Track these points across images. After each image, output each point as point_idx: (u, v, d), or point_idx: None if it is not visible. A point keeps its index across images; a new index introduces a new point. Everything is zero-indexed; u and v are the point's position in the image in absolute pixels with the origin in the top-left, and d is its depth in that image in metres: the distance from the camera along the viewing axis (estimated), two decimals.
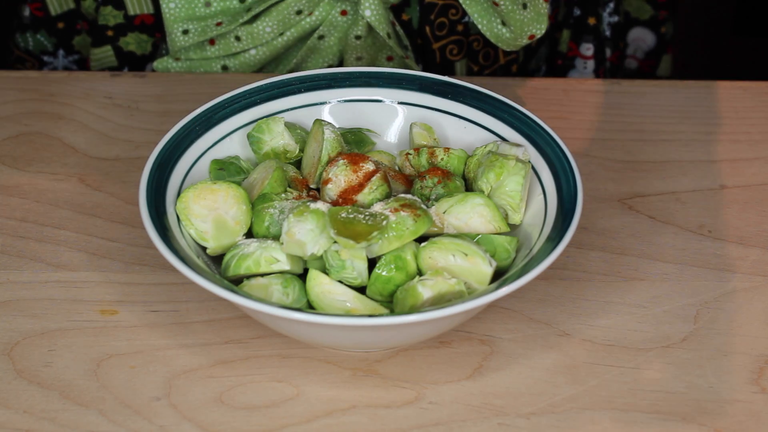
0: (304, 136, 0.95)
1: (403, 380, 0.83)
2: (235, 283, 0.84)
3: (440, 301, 0.80)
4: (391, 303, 0.83)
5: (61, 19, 1.25)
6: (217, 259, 0.86)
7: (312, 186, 0.91)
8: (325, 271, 0.83)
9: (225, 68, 1.16)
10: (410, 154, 0.93)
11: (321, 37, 1.13)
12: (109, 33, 1.21)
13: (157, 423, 0.80)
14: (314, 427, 0.80)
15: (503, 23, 1.06)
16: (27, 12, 1.26)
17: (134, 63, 1.23)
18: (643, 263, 0.94)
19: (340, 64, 1.17)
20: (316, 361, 0.85)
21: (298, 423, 0.80)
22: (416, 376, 0.84)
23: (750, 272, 0.93)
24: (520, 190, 0.87)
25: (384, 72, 0.98)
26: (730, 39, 2.16)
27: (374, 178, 0.87)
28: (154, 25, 1.21)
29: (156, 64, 1.16)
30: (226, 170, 0.92)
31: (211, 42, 1.14)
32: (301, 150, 0.94)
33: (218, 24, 1.12)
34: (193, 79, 1.14)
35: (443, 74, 1.19)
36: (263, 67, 1.18)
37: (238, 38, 1.13)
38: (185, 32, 1.12)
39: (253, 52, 1.14)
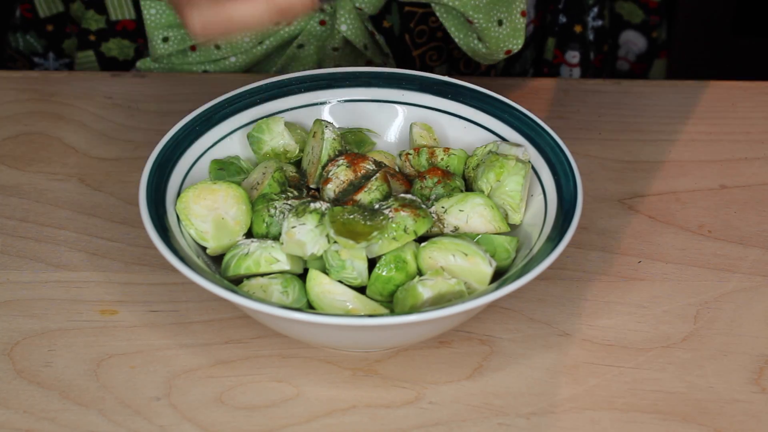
0: (304, 136, 0.95)
1: (403, 380, 0.83)
2: (235, 283, 0.84)
3: (440, 301, 0.80)
4: (391, 303, 0.83)
5: (50, 22, 1.25)
6: (217, 259, 0.86)
7: (312, 186, 0.91)
8: (325, 271, 0.83)
9: (206, 72, 1.16)
10: (410, 154, 0.93)
11: (300, 46, 1.14)
12: (92, 38, 1.20)
13: (157, 423, 0.80)
14: (314, 427, 0.80)
15: (479, 38, 1.06)
16: (18, 12, 1.26)
17: (116, 69, 1.22)
18: (643, 263, 0.93)
19: None
20: (316, 361, 0.85)
21: (298, 423, 0.80)
22: (416, 376, 0.84)
23: (750, 272, 0.93)
24: (520, 190, 0.87)
25: (384, 72, 0.98)
26: (730, 39, 2.17)
27: (374, 178, 0.87)
28: (135, 31, 1.20)
29: (139, 64, 1.17)
30: (226, 170, 0.92)
31: (192, 48, 1.14)
32: (301, 150, 0.94)
33: None
34: (193, 79, 1.14)
35: None
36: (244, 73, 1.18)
37: (217, 47, 1.13)
38: (165, 40, 1.13)
39: (233, 59, 1.15)
